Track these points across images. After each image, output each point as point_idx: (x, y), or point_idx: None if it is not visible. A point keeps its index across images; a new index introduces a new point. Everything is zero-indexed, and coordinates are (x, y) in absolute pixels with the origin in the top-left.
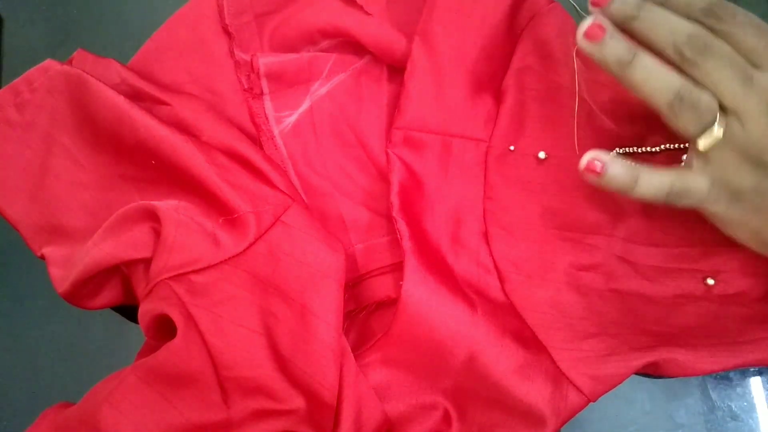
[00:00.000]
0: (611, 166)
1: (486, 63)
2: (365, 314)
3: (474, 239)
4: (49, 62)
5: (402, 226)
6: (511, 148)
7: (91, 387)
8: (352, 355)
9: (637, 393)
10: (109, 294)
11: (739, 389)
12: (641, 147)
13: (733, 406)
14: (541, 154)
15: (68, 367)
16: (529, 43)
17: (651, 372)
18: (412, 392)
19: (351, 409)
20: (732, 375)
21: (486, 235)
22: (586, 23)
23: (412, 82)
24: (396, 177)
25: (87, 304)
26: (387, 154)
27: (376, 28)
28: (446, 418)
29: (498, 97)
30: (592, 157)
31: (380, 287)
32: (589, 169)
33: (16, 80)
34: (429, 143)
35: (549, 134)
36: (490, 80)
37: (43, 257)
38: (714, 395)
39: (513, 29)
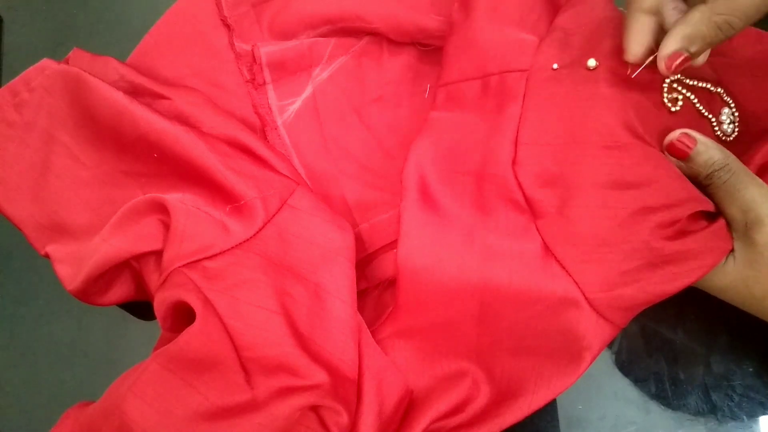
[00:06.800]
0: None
1: (530, 9)
2: (378, 292)
3: (503, 172)
4: (45, 61)
5: (408, 176)
6: (555, 66)
7: (91, 387)
8: (368, 330)
9: (637, 393)
10: (120, 290)
11: (739, 389)
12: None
13: (734, 406)
14: (591, 62)
15: (68, 367)
16: None
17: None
18: (435, 361)
19: (372, 382)
20: (732, 375)
21: (514, 164)
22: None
23: (450, 40)
24: (423, 142)
25: (98, 301)
26: (429, 117)
27: (378, 3)
28: (474, 384)
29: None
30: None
31: (390, 264)
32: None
33: (14, 80)
34: (468, 89)
35: (600, 47)
36: (534, 22)
37: (46, 255)
38: (714, 395)
39: None
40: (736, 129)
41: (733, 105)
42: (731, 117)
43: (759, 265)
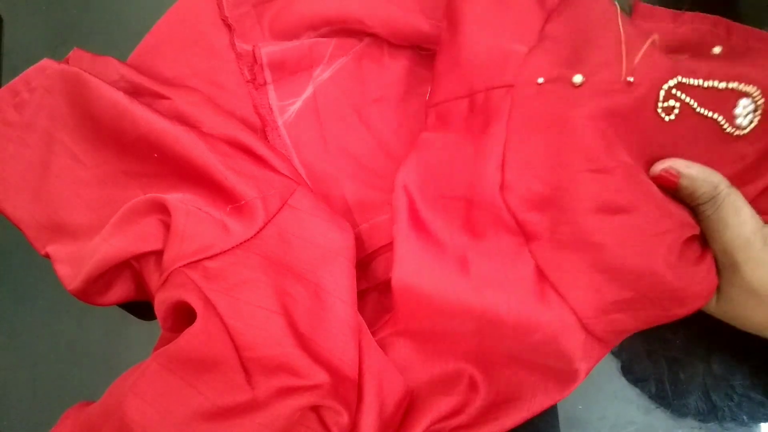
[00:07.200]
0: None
1: (518, 21)
2: (377, 292)
3: (491, 197)
4: (45, 61)
5: (398, 200)
6: (540, 80)
7: (91, 387)
8: (368, 330)
9: (637, 393)
10: (120, 289)
11: (739, 389)
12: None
13: (734, 407)
14: (577, 78)
15: (68, 367)
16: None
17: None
18: (434, 361)
19: (372, 382)
20: (732, 375)
21: (502, 189)
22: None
23: (439, 59)
24: (410, 166)
25: (98, 301)
26: (418, 139)
27: (378, 7)
28: (472, 384)
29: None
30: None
31: (389, 264)
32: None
33: (14, 80)
34: (456, 108)
35: (589, 57)
36: (524, 30)
37: (47, 255)
38: (714, 395)
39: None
40: (756, 118)
41: (756, 93)
42: (750, 107)
43: (736, 305)
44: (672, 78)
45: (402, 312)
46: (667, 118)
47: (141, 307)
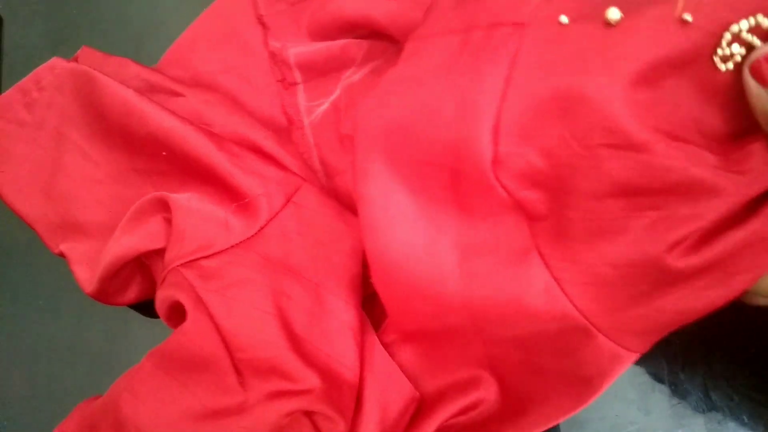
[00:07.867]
0: None
1: None
2: None
3: (482, 171)
4: (55, 60)
5: (360, 164)
6: (563, 19)
7: (91, 386)
8: (374, 332)
9: (637, 393)
10: (138, 288)
11: (739, 389)
12: None
13: (734, 406)
14: (613, 14)
15: (68, 367)
16: None
17: None
18: (444, 366)
19: (374, 386)
20: (732, 375)
21: (495, 163)
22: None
23: None
24: (374, 115)
25: (118, 300)
26: (384, 77)
27: (403, 16)
28: (487, 387)
29: None
30: None
31: None
32: None
33: (24, 80)
34: (442, 45)
35: None
36: None
37: (61, 254)
38: (714, 395)
39: None
40: None
41: None
42: None
43: None
44: (748, 16)
45: (389, 308)
46: (723, 68)
47: (144, 306)
